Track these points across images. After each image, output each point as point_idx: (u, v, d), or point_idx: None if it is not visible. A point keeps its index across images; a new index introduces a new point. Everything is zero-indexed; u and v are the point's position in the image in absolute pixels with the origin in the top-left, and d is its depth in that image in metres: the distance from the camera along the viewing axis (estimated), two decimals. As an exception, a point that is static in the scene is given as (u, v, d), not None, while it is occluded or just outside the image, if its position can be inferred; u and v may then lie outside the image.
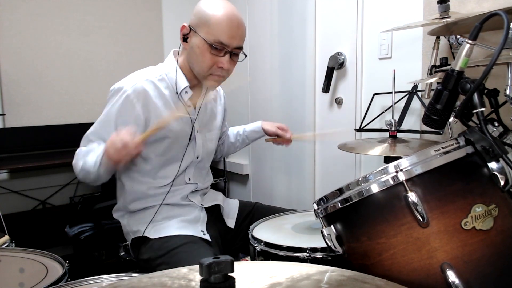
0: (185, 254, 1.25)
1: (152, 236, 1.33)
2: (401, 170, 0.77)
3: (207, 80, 1.32)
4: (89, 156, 1.28)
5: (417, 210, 0.74)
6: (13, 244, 1.22)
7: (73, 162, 1.33)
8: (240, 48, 1.29)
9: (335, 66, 2.20)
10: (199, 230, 1.35)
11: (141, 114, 1.29)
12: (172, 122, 1.33)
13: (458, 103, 0.86)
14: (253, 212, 1.54)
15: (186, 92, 1.34)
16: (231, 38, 1.24)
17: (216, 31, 1.23)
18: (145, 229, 1.35)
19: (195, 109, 1.41)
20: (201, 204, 1.44)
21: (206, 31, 1.24)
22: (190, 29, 1.28)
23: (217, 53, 1.25)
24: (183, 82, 1.33)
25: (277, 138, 1.62)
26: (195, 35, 1.26)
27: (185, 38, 1.29)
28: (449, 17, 1.41)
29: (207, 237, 1.34)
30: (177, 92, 1.34)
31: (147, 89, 1.29)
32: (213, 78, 1.31)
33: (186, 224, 1.36)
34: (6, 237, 1.22)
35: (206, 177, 1.52)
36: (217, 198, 1.51)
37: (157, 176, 1.37)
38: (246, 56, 1.34)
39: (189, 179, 1.43)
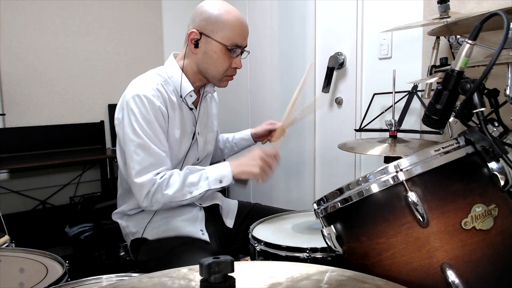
0: (183, 255, 1.25)
1: (150, 238, 1.34)
2: (401, 170, 0.77)
3: (221, 82, 1.36)
4: (197, 184, 1.24)
5: (417, 210, 0.74)
6: (13, 244, 1.22)
7: (157, 196, 1.22)
8: (246, 46, 1.35)
9: (335, 66, 2.20)
10: (198, 229, 1.36)
11: (165, 110, 1.30)
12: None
13: (458, 103, 0.86)
14: (252, 213, 1.54)
15: (190, 95, 1.36)
16: (244, 39, 1.31)
17: (232, 34, 1.27)
18: (144, 230, 1.35)
19: (196, 111, 1.41)
20: (200, 204, 1.45)
21: (222, 36, 1.27)
22: (201, 34, 1.28)
23: (232, 54, 1.30)
24: (188, 86, 1.34)
25: (272, 133, 1.61)
26: (209, 40, 1.28)
27: (195, 44, 1.30)
28: (449, 17, 1.41)
29: (205, 236, 1.35)
30: (181, 96, 1.34)
31: (159, 93, 1.29)
32: (227, 79, 1.36)
33: (185, 223, 1.36)
34: (6, 237, 1.22)
35: None
36: (215, 197, 1.51)
37: None
38: (248, 52, 1.37)
39: None
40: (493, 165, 0.77)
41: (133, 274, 0.99)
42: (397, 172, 0.77)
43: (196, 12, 1.30)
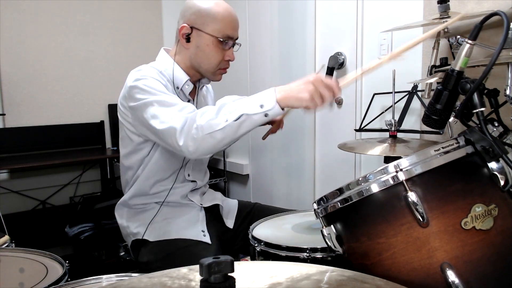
0: (184, 258, 1.25)
1: (151, 239, 1.33)
2: (401, 170, 0.77)
3: (215, 75, 1.35)
4: (233, 109, 1.07)
5: (417, 210, 0.74)
6: (13, 244, 1.22)
7: (192, 131, 1.08)
8: (237, 38, 1.34)
9: (335, 66, 2.19)
10: (200, 230, 1.36)
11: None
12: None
13: (458, 103, 0.86)
14: (252, 212, 1.54)
15: (187, 85, 1.35)
16: (235, 30, 1.31)
17: (223, 26, 1.27)
18: (145, 232, 1.35)
19: (193, 104, 1.41)
20: (201, 204, 1.45)
21: (213, 28, 1.27)
22: (192, 28, 1.28)
23: (225, 47, 1.30)
24: (183, 76, 1.34)
25: (272, 128, 1.51)
26: (200, 34, 1.28)
27: (187, 38, 1.29)
28: (449, 17, 1.41)
29: (207, 238, 1.34)
30: (177, 87, 1.34)
31: (159, 78, 1.28)
32: (221, 72, 1.36)
33: (186, 225, 1.36)
34: (6, 237, 1.22)
35: (205, 175, 1.53)
36: (216, 197, 1.51)
37: (160, 169, 1.37)
38: (240, 45, 1.36)
39: (188, 175, 1.43)
40: (493, 165, 0.77)
41: (133, 274, 0.99)
42: (397, 172, 0.77)
43: (186, 6, 1.31)
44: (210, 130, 1.06)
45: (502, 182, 0.77)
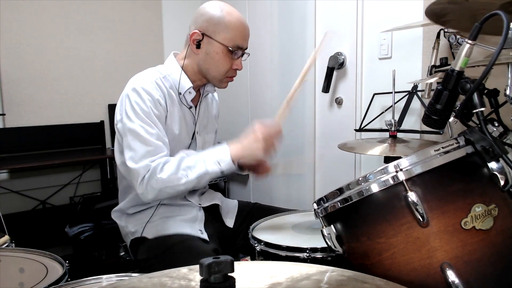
0: (182, 252, 1.26)
1: (150, 236, 1.34)
2: (401, 169, 0.77)
3: (222, 83, 1.37)
4: (193, 167, 1.20)
5: (417, 210, 0.74)
6: (13, 244, 1.22)
7: (152, 182, 1.18)
8: (247, 48, 1.35)
9: (335, 66, 2.20)
10: (197, 229, 1.36)
11: (164, 103, 1.30)
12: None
13: (458, 103, 0.86)
14: (252, 212, 1.54)
15: (189, 92, 1.36)
16: (245, 40, 1.33)
17: (234, 36, 1.29)
18: (143, 230, 1.35)
19: (196, 111, 1.42)
20: (199, 204, 1.45)
21: (224, 37, 1.28)
22: (203, 35, 1.29)
23: (233, 56, 1.31)
24: (187, 83, 1.35)
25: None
26: (211, 41, 1.29)
27: (197, 45, 1.30)
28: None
29: (204, 236, 1.35)
30: (180, 93, 1.35)
31: (158, 86, 1.30)
32: (228, 80, 1.37)
33: (184, 223, 1.36)
34: (6, 237, 1.22)
35: None
36: (215, 197, 1.51)
37: None
38: (249, 54, 1.37)
39: None
40: (493, 165, 0.77)
41: (133, 274, 0.99)
42: (397, 172, 0.77)
43: (198, 13, 1.31)
44: (171, 184, 1.19)
45: (502, 182, 0.77)
